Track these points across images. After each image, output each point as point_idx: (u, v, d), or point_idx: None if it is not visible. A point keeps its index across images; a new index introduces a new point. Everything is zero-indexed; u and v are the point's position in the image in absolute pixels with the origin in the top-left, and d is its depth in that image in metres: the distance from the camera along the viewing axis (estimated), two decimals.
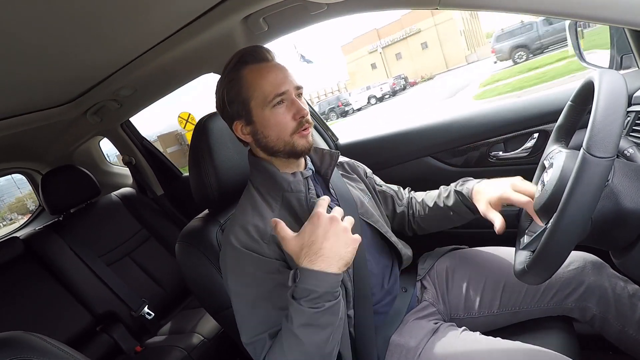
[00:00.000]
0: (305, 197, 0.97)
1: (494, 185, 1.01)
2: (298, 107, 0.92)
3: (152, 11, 1.02)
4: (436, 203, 1.19)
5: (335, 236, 0.77)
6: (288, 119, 0.93)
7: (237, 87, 0.93)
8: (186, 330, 1.76)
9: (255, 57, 0.94)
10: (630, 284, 1.00)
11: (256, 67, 0.93)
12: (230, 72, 0.95)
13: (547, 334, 1.01)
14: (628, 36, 1.13)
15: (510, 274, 1.09)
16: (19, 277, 1.77)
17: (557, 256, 0.68)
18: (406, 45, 38.76)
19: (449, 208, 1.15)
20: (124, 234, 2.12)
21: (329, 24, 15.55)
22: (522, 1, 0.82)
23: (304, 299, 0.74)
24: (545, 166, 0.87)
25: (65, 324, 1.73)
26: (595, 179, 0.60)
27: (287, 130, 0.93)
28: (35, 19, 0.83)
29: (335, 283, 0.76)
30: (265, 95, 0.91)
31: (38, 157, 2.39)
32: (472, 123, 1.53)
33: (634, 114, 1.03)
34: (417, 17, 37.15)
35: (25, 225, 2.88)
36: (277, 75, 0.93)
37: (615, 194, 0.72)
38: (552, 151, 0.89)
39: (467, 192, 1.09)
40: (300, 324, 0.74)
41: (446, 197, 1.16)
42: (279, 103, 0.92)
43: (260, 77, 0.92)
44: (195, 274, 1.09)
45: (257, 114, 0.93)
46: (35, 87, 1.33)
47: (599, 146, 0.61)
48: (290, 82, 0.93)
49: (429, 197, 1.24)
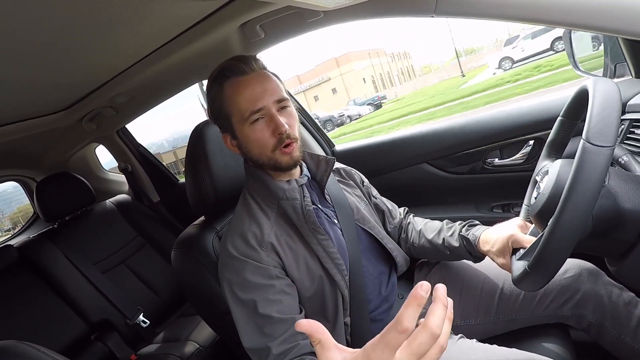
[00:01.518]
0: (301, 204, 0.96)
1: (500, 232, 0.96)
2: (277, 122, 0.89)
3: (149, 18, 1.03)
4: (435, 239, 1.14)
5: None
6: (267, 136, 0.90)
7: (219, 102, 0.93)
8: (182, 338, 1.74)
9: (234, 71, 0.91)
10: (626, 292, 1.00)
11: (235, 82, 0.91)
12: (212, 86, 0.94)
13: (544, 341, 1.01)
14: (621, 45, 1.14)
15: (506, 281, 1.09)
16: (12, 286, 1.75)
17: (557, 256, 0.67)
18: (321, 89, 49.05)
19: (448, 247, 1.10)
20: (119, 241, 2.10)
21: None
22: (516, 10, 0.83)
23: None
24: (537, 181, 0.88)
25: (59, 333, 1.70)
26: (597, 167, 0.60)
27: (268, 147, 0.91)
28: (32, 26, 0.83)
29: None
30: (242, 112, 0.90)
31: (33, 164, 2.38)
32: (468, 130, 1.54)
33: (628, 122, 1.03)
34: (328, 67, 48.10)
35: (20, 233, 2.85)
36: (255, 90, 0.89)
37: (613, 194, 0.73)
38: (544, 166, 0.90)
39: (473, 239, 1.03)
40: None
41: (449, 236, 1.11)
42: (258, 120, 0.90)
43: (237, 93, 0.90)
44: (191, 280, 1.09)
45: (239, 130, 0.92)
46: (31, 95, 1.33)
47: (599, 135, 0.61)
48: (270, 96, 0.90)
49: (428, 228, 1.19)
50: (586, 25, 0.78)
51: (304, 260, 0.93)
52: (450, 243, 1.09)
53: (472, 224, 1.09)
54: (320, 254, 0.94)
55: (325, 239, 0.95)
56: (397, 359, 0.42)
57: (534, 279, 0.74)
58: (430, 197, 1.69)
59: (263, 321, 0.85)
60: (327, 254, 0.94)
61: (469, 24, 43.97)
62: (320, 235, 0.94)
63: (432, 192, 1.66)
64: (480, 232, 1.03)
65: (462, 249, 1.07)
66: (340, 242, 1.00)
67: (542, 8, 0.81)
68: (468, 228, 1.08)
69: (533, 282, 0.75)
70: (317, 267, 0.94)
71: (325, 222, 1.02)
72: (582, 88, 0.77)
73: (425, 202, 1.70)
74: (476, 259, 1.05)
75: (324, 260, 0.94)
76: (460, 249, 1.07)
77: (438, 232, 1.14)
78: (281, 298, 0.87)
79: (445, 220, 1.18)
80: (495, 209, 1.53)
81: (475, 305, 1.12)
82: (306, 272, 0.93)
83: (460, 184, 1.60)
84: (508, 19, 0.86)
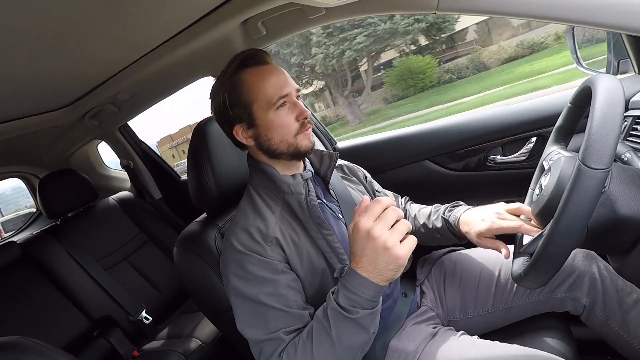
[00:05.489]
0: (306, 199, 0.96)
1: (480, 216, 1.00)
2: (301, 108, 0.93)
3: (150, 15, 1.03)
4: (425, 223, 1.18)
5: (374, 253, 0.73)
6: (291, 120, 0.93)
7: (238, 90, 0.93)
8: (184, 335, 1.75)
9: (256, 60, 0.94)
10: (621, 279, 1.00)
11: (257, 70, 0.93)
12: (230, 76, 0.94)
13: (545, 336, 1.01)
14: (625, 41, 1.13)
15: (502, 269, 1.12)
16: (15, 282, 1.76)
17: (554, 262, 0.69)
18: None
19: (436, 230, 1.14)
20: (121, 238, 2.11)
21: (141, 126, 17.09)
22: (519, 6, 0.83)
23: (341, 294, 0.77)
24: (544, 167, 0.88)
25: (62, 329, 1.71)
26: (590, 191, 0.61)
27: (291, 131, 0.93)
28: (34, 24, 0.83)
29: (371, 292, 0.76)
30: (268, 98, 0.91)
31: (35, 161, 2.39)
32: (470, 127, 1.53)
33: (631, 119, 1.03)
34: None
35: (22, 229, 2.87)
36: (279, 78, 0.93)
37: (612, 201, 0.73)
38: (551, 152, 0.90)
39: (453, 220, 1.08)
40: (333, 318, 0.78)
41: (435, 219, 1.15)
42: (282, 105, 0.92)
43: (262, 79, 0.92)
44: (193, 277, 1.09)
45: (260, 117, 0.93)
46: (33, 91, 1.33)
47: (594, 158, 0.61)
48: (291, 85, 0.94)
49: (421, 213, 1.23)
50: (589, 21, 0.78)
51: (307, 255, 0.93)
52: (436, 225, 1.13)
53: (455, 205, 1.13)
54: (324, 248, 0.94)
55: (330, 234, 0.95)
56: (375, 227, 0.71)
57: (530, 281, 0.76)
58: (432, 194, 1.68)
59: (268, 313, 0.85)
60: (332, 249, 0.94)
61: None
62: (324, 230, 0.94)
63: (434, 189, 1.66)
64: (460, 212, 1.07)
65: (446, 230, 1.10)
66: (344, 237, 1.00)
67: (545, 4, 0.81)
68: (450, 209, 1.12)
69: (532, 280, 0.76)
70: (321, 262, 0.94)
71: (330, 217, 1.02)
72: (586, 85, 0.76)
73: (427, 199, 1.69)
74: (461, 239, 1.07)
75: (328, 255, 0.94)
76: (444, 230, 1.11)
77: (428, 217, 1.18)
78: (287, 293, 0.87)
79: (435, 204, 1.21)
80: None
81: (474, 296, 1.13)
82: (309, 266, 0.93)
83: (462, 181, 1.60)
84: (510, 14, 0.86)
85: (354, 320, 0.77)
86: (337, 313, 0.77)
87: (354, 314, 0.76)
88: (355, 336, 0.78)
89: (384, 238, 0.71)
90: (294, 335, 0.84)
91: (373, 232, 0.72)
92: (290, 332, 0.85)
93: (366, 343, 0.82)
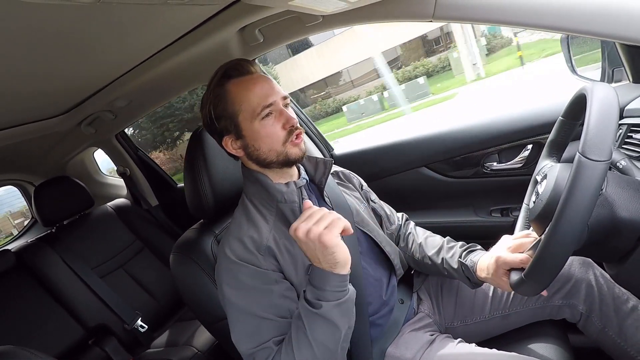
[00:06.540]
0: (299, 207, 0.96)
1: (491, 257, 0.95)
2: (287, 116, 0.92)
3: (147, 23, 1.03)
4: (435, 257, 1.12)
5: (311, 247, 0.79)
6: (278, 129, 0.92)
7: (223, 102, 0.93)
8: (180, 343, 1.73)
9: (239, 70, 0.94)
10: (617, 287, 1.00)
11: (240, 80, 0.93)
12: (215, 87, 0.94)
13: (542, 343, 1.01)
14: (619, 50, 1.14)
15: None
16: (10, 290, 1.74)
17: (553, 264, 0.68)
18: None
19: (447, 269, 1.09)
20: (117, 245, 2.09)
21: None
22: (514, 15, 0.84)
23: (308, 289, 0.83)
24: (537, 181, 0.88)
25: (56, 338, 1.70)
26: (592, 182, 0.61)
27: (279, 140, 0.93)
28: (31, 31, 0.83)
29: (334, 281, 0.80)
30: (253, 108, 0.91)
31: (31, 168, 2.37)
32: (466, 134, 1.54)
33: (625, 127, 1.04)
34: None
35: (17, 237, 2.85)
36: (263, 87, 0.92)
37: (610, 202, 0.73)
38: (544, 166, 0.90)
39: (471, 265, 1.01)
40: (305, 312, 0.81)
41: (449, 257, 1.08)
42: (268, 115, 0.92)
43: (245, 89, 0.92)
44: (189, 285, 1.08)
45: (246, 128, 0.93)
46: (29, 99, 1.33)
47: (594, 149, 0.61)
48: (277, 93, 0.93)
49: (429, 243, 1.17)
50: (584, 30, 0.78)
51: (302, 264, 0.93)
52: (449, 265, 1.08)
53: (472, 249, 1.07)
54: None
55: None
56: (300, 225, 0.78)
57: (530, 286, 0.75)
58: (429, 201, 1.69)
59: (261, 324, 0.85)
60: None
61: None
62: None
63: (430, 196, 1.66)
64: (478, 257, 1.01)
65: (461, 274, 1.05)
66: None
67: (540, 13, 0.81)
68: (467, 253, 1.06)
69: (529, 288, 0.75)
70: None
71: None
72: (581, 93, 0.77)
73: (424, 206, 1.70)
74: (474, 285, 1.04)
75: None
76: (458, 273, 1.06)
77: (438, 251, 1.13)
78: (281, 302, 0.87)
79: (446, 238, 1.16)
80: (493, 213, 1.53)
81: (471, 304, 1.13)
82: (304, 275, 0.93)
83: (459, 188, 1.60)
84: (506, 23, 0.87)
85: (320, 315, 0.79)
86: (306, 309, 0.80)
87: (317, 307, 0.79)
88: (327, 331, 0.80)
89: (311, 233, 0.77)
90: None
91: (300, 231, 0.78)
92: (280, 341, 0.85)
93: (343, 340, 0.83)
